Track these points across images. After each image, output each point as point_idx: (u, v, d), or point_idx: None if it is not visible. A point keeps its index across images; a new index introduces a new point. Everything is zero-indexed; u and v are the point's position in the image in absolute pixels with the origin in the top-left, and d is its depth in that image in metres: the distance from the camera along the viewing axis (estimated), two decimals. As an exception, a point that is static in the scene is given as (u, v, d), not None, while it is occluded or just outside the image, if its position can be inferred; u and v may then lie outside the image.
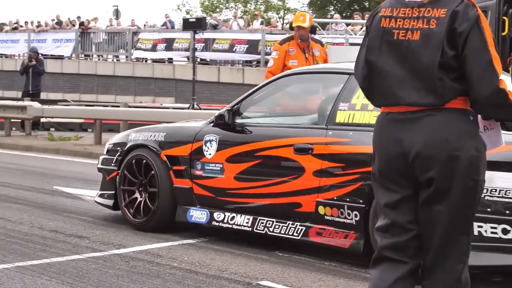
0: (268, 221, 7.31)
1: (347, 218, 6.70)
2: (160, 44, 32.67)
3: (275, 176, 7.26)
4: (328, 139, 6.93)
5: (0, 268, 6.49)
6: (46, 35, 37.08)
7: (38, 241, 7.64)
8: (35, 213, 9.26)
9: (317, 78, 8.07)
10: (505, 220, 5.83)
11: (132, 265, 6.68)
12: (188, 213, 7.97)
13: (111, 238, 7.81)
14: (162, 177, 8.07)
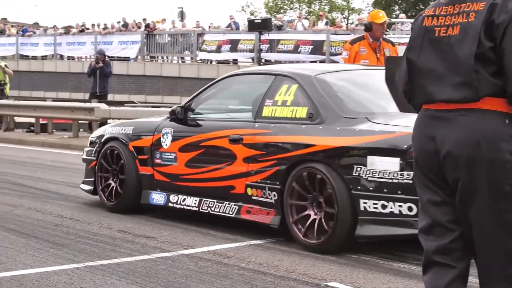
0: (211, 201, 8.50)
1: (268, 198, 7.84)
2: (224, 46, 32.81)
3: (214, 163, 8.46)
4: (254, 130, 8.09)
5: (71, 268, 6.58)
6: (112, 37, 37.53)
7: (107, 241, 7.73)
8: (104, 213, 9.36)
9: (251, 79, 9.29)
10: (384, 197, 6.86)
11: (200, 266, 6.71)
12: (150, 196, 9.23)
13: (179, 239, 7.86)
14: (129, 166, 9.36)
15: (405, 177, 6.73)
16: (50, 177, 12.94)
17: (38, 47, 41.52)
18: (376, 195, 6.93)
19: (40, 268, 6.58)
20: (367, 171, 6.96)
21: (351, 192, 7.07)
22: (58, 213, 9.32)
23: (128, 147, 9.45)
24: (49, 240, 7.73)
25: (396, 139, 6.90)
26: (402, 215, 6.79)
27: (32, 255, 7.07)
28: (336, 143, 7.26)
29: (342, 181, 7.13)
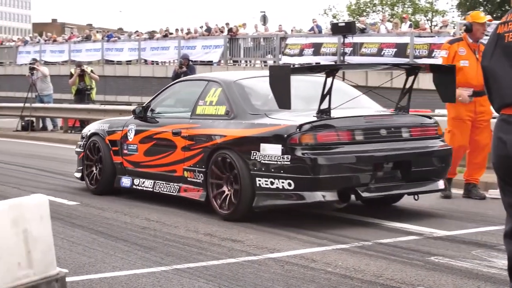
0: (161, 183, 10.47)
1: (197, 179, 9.82)
2: (307, 49, 32.79)
3: (162, 152, 10.53)
4: (189, 125, 10.16)
5: (159, 270, 6.65)
6: (195, 42, 37.86)
7: (194, 244, 7.79)
8: (190, 217, 9.45)
9: (192, 84, 11.28)
10: (271, 175, 8.82)
11: (287, 269, 6.71)
12: (121, 180, 11.29)
13: (264, 242, 7.87)
14: (105, 156, 11.50)
15: (285, 159, 8.70)
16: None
17: (122, 52, 42.17)
18: (266, 174, 8.86)
19: (129, 270, 6.68)
20: (260, 155, 8.93)
21: (250, 172, 9.00)
22: (145, 216, 9.45)
23: (105, 140, 11.63)
24: (137, 243, 7.84)
25: (279, 130, 8.93)
26: (284, 189, 8.74)
27: (120, 257, 7.18)
28: (240, 134, 9.34)
29: (244, 164, 9.09)
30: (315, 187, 8.71)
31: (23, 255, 5.20)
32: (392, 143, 9.32)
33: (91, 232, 8.46)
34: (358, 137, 9.06)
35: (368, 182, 8.95)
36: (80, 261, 7.06)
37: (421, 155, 9.50)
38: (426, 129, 9.80)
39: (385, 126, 9.35)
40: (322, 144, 8.78)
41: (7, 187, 12.36)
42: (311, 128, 8.81)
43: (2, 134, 25.70)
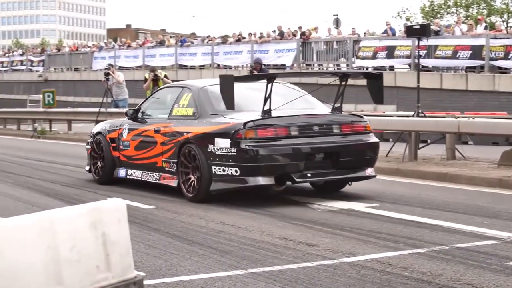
0: (146, 173, 12.65)
1: (172, 168, 11.91)
2: (381, 52, 32.56)
3: (147, 147, 12.67)
4: (167, 124, 12.29)
5: (235, 274, 6.66)
6: (268, 46, 37.93)
7: (269, 248, 7.79)
8: (264, 220, 9.46)
9: (172, 90, 13.21)
10: (223, 164, 10.82)
11: (363, 274, 6.66)
12: (118, 172, 13.52)
13: (340, 246, 7.83)
14: (107, 151, 13.73)
15: (232, 151, 10.70)
16: (211, 184, 13.18)
17: (196, 57, 42.49)
18: (219, 163, 10.88)
19: (205, 274, 6.70)
20: (215, 148, 10.96)
21: (208, 162, 11.02)
22: (220, 220, 9.48)
23: (106, 138, 13.83)
24: (212, 247, 7.87)
25: (228, 127, 10.91)
26: (233, 175, 10.75)
27: (196, 261, 7.21)
28: (201, 131, 11.36)
29: (203, 155, 11.13)
30: (256, 173, 10.71)
31: (102, 258, 5.26)
32: (323, 137, 11.23)
33: (167, 236, 8.52)
34: (293, 132, 10.99)
35: (302, 169, 10.93)
36: (156, 264, 7.12)
37: (349, 147, 11.42)
38: (355, 126, 11.71)
39: (318, 123, 11.26)
40: (262, 138, 10.74)
41: (84, 191, 12.56)
42: (253, 126, 10.76)
43: (78, 139, 26.13)
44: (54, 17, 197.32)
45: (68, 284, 5.01)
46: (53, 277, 4.95)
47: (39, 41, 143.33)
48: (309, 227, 8.94)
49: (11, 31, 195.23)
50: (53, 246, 4.94)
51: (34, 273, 4.84)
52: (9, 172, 15.90)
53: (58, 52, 57.97)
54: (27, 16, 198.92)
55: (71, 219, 5.10)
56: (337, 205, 10.62)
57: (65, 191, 12.62)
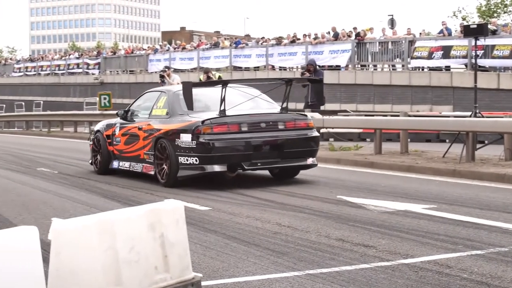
0: (133, 164, 14.95)
1: (151, 160, 14.18)
2: (436, 52, 32.24)
3: (133, 142, 14.96)
4: (147, 122, 14.59)
5: (292, 275, 6.66)
6: (323, 47, 37.81)
7: (326, 249, 7.76)
8: (320, 222, 9.43)
9: (154, 94, 15.47)
10: (186, 154, 13.07)
11: (421, 275, 6.60)
12: (112, 163, 15.86)
13: (397, 248, 7.77)
14: (103, 146, 16.07)
15: (193, 144, 13.01)
16: (266, 185, 13.21)
17: (250, 58, 42.53)
18: (184, 154, 13.20)
19: (262, 275, 6.71)
20: (180, 142, 13.28)
21: (175, 153, 13.35)
22: (276, 221, 9.47)
23: (103, 135, 16.15)
24: (269, 248, 7.87)
25: (190, 124, 13.21)
26: (194, 164, 13.09)
27: (253, 262, 7.22)
28: (170, 128, 13.70)
29: (172, 148, 13.44)
30: (212, 162, 13.05)
31: (160, 259, 5.30)
32: (269, 132, 13.49)
33: (223, 237, 8.54)
34: (243, 128, 13.28)
35: (251, 159, 13.22)
36: (213, 265, 7.14)
37: (292, 140, 13.62)
38: (298, 123, 13.97)
39: (265, 121, 13.53)
40: (217, 133, 13.06)
41: (140, 193, 12.66)
42: (210, 123, 13.06)
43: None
44: (110, 20, 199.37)
45: (127, 285, 5.05)
46: (112, 277, 5.00)
47: (95, 44, 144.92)
48: (366, 229, 8.89)
49: (68, 34, 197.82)
50: (112, 247, 4.99)
51: (93, 273, 4.90)
52: (67, 174, 16.10)
53: (113, 55, 58.50)
54: (83, 19, 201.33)
55: (130, 221, 5.14)
56: (393, 206, 10.54)
57: (122, 193, 12.74)
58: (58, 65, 62.50)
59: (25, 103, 58.00)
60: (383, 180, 13.90)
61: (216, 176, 13.41)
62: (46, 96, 59.69)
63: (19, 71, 67.85)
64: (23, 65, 68.41)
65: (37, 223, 9.35)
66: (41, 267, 4.55)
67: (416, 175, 14.75)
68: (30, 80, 64.85)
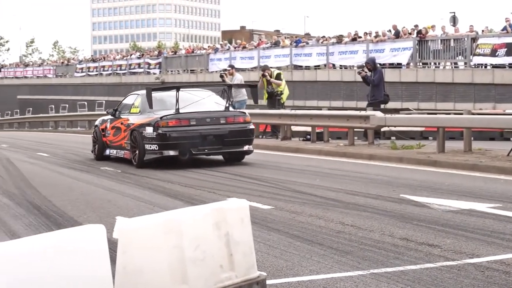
0: (119, 151, 18.67)
1: (128, 147, 17.92)
2: (500, 49, 31.81)
3: (117, 134, 18.68)
4: (127, 118, 18.32)
5: (356, 275, 6.62)
6: (384, 45, 37.61)
7: (390, 248, 7.71)
8: (384, 221, 9.36)
9: (133, 95, 19.35)
10: (150, 143, 16.98)
11: (488, 275, 6.52)
12: (106, 151, 19.61)
13: (462, 247, 7.68)
14: (99, 138, 19.88)
15: (154, 134, 16.77)
16: (329, 184, 13.14)
17: (311, 57, 42.48)
18: (148, 142, 17.00)
19: (326, 274, 6.69)
20: (146, 133, 17.01)
21: (143, 142, 17.08)
22: (340, 220, 9.44)
23: (99, 128, 20.06)
24: (332, 247, 7.84)
25: (152, 119, 16.97)
26: (155, 150, 16.85)
27: (317, 261, 7.20)
28: (140, 122, 17.49)
29: (140, 137, 17.18)
30: (167, 148, 16.97)
31: (225, 258, 5.32)
32: (213, 126, 17.31)
33: (286, 236, 8.54)
34: (192, 122, 17.15)
35: (198, 146, 17.06)
36: (277, 264, 7.14)
37: (231, 132, 17.43)
38: (236, 118, 17.78)
39: (209, 117, 17.37)
40: (171, 126, 17.00)
41: (203, 192, 12.70)
42: (166, 118, 16.99)
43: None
44: (170, 20, 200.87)
45: (193, 283, 5.08)
46: (178, 276, 5.03)
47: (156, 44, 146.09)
48: (430, 228, 8.80)
49: (129, 34, 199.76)
50: (178, 246, 5.02)
51: (160, 272, 4.93)
52: (130, 173, 16.26)
53: (174, 54, 58.96)
54: (144, 19, 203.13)
55: (196, 219, 5.17)
56: (457, 205, 10.42)
57: (184, 192, 12.80)
58: (119, 65, 63.23)
59: (88, 103, 58.81)
60: (446, 179, 13.76)
61: (173, 158, 17.10)
62: (108, 96, 60.41)
63: (82, 71, 68.78)
64: (85, 65, 69.35)
65: (102, 221, 9.46)
66: (109, 265, 4.60)
67: (480, 174, 14.57)
68: (92, 80, 65.69)
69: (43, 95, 72.90)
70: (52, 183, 14.71)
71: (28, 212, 10.97)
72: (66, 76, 71.75)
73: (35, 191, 13.49)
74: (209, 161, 18.48)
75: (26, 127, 56.37)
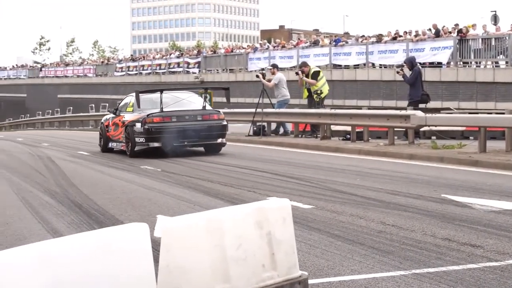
0: (117, 144, 22.29)
1: (124, 140, 21.42)
2: (542, 48, 31.47)
3: (116, 129, 22.17)
4: (123, 115, 21.83)
5: (398, 275, 6.59)
6: (424, 44, 37.38)
7: (432, 248, 7.66)
8: (425, 221, 9.30)
9: (130, 97, 22.40)
10: (139, 136, 20.58)
11: (532, 277, 6.45)
12: (109, 144, 22.88)
13: (505, 248, 7.61)
14: (103, 133, 23.35)
15: (142, 129, 20.29)
16: (370, 184, 13.08)
17: (350, 56, 42.35)
18: (138, 136, 20.47)
19: (368, 274, 6.66)
20: (136, 128, 20.51)
21: (133, 135, 20.53)
22: (380, 220, 9.39)
23: (104, 125, 23.23)
24: (373, 247, 7.81)
25: (141, 117, 20.49)
26: (143, 142, 20.46)
27: (358, 261, 7.18)
28: (132, 119, 20.90)
29: (132, 132, 20.58)
30: (152, 141, 20.34)
31: (267, 257, 5.31)
32: (191, 122, 20.59)
33: (327, 236, 8.52)
34: (173, 119, 20.48)
35: (179, 139, 20.20)
36: (318, 264, 7.13)
37: (207, 127, 20.76)
38: (211, 116, 21.07)
39: (188, 114, 20.75)
40: (156, 122, 20.34)
41: (243, 191, 12.71)
42: (151, 116, 20.37)
43: (236, 139, 26.52)
44: (209, 20, 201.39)
45: (235, 282, 5.08)
46: (220, 275, 5.03)
47: (195, 43, 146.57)
48: (472, 228, 8.73)
49: (168, 34, 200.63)
50: (220, 245, 5.02)
51: (201, 270, 4.94)
52: (170, 172, 16.32)
53: (213, 54, 59.10)
54: (183, 19, 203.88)
55: (238, 219, 5.17)
56: (500, 206, 10.33)
57: (224, 191, 12.82)
58: (159, 64, 63.57)
59: (128, 102, 59.05)
60: (488, 179, 13.63)
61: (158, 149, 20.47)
62: (147, 95, 60.60)
63: (121, 71, 69.25)
64: (125, 64, 69.82)
65: (143, 220, 9.51)
66: (152, 264, 4.62)
67: (523, 174, 14.44)
68: (131, 79, 66.08)
69: (83, 94, 73.55)
70: (93, 182, 14.82)
71: (70, 210, 11.07)
72: (106, 75, 72.25)
73: (77, 189, 13.61)
74: (249, 160, 18.49)
75: (66, 126, 56.90)
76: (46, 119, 64.90)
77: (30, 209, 11.43)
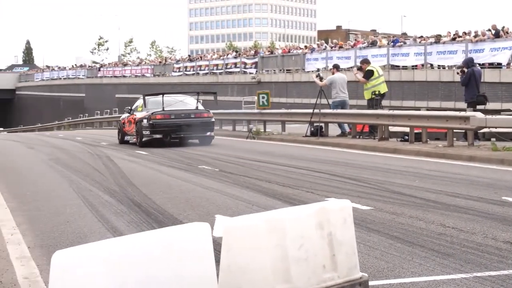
0: (131, 137, 27.68)
1: (135, 134, 26.98)
2: None
3: (130, 125, 27.57)
4: (135, 114, 27.23)
5: (459, 278, 6.53)
6: (483, 45, 36.92)
7: (493, 251, 7.58)
8: (486, 223, 9.20)
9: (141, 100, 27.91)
10: (146, 130, 26.10)
11: None
12: (125, 138, 28.25)
13: None
14: (121, 128, 28.99)
15: (148, 124, 25.91)
16: (429, 186, 12.96)
17: (408, 57, 42.01)
18: (145, 129, 26.05)
19: (428, 276, 6.62)
20: (144, 123, 26.08)
21: (141, 129, 26.13)
22: (440, 222, 9.31)
23: (122, 122, 28.78)
24: (434, 249, 7.75)
25: (147, 115, 26.12)
26: (148, 134, 26.02)
27: (418, 263, 7.13)
28: (140, 116, 26.45)
29: (140, 126, 26.25)
30: (155, 133, 25.75)
31: (328, 258, 5.31)
32: (186, 119, 25.93)
33: (387, 237, 8.47)
34: (172, 117, 25.84)
35: (176, 132, 25.81)
36: (378, 265, 7.09)
37: (199, 123, 25.83)
38: (202, 114, 26.22)
39: (184, 113, 26.12)
40: (158, 119, 25.72)
41: (301, 191, 12.69)
42: (155, 114, 25.73)
43: (293, 140, 26.51)
44: (266, 20, 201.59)
45: (296, 282, 5.08)
46: (281, 274, 5.04)
47: (252, 43, 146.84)
48: (535, 231, 8.61)
49: (225, 34, 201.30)
50: (281, 245, 5.03)
51: (262, 270, 4.95)
52: (228, 172, 16.35)
53: (270, 54, 59.12)
54: (240, 19, 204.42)
55: (299, 219, 5.17)
56: (562, 209, 10.17)
57: (283, 191, 12.81)
58: (216, 64, 63.74)
59: (185, 102, 59.33)
60: (550, 182, 13.43)
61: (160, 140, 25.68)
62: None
63: (179, 71, 69.64)
64: (182, 64, 70.19)
65: (201, 219, 9.55)
66: (213, 263, 4.65)
67: None
68: (189, 80, 66.40)
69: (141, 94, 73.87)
70: (151, 181, 14.93)
71: (129, 209, 11.17)
72: (164, 75, 72.75)
73: (135, 188, 13.72)
74: (306, 161, 18.47)
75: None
76: (104, 118, 65.53)
77: (90, 207, 11.57)
